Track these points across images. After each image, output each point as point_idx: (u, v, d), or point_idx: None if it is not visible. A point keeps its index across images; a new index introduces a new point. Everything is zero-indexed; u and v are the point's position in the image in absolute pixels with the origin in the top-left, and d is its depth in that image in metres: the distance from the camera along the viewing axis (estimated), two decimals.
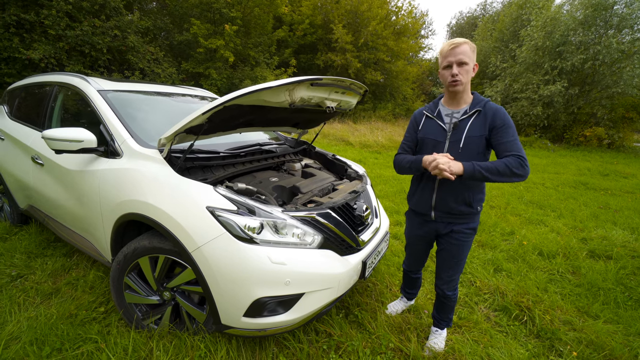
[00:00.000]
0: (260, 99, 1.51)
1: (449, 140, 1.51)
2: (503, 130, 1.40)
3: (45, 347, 1.57)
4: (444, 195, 1.55)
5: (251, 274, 1.40)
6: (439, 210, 1.58)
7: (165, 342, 1.62)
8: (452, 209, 1.54)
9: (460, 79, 1.40)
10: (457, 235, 1.57)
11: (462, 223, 1.56)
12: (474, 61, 1.43)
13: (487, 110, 1.44)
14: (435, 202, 1.58)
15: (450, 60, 1.41)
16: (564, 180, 6.81)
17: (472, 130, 1.45)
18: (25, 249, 2.52)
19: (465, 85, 1.45)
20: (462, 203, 1.52)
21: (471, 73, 1.43)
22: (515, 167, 1.33)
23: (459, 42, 1.39)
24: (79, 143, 1.74)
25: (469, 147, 1.46)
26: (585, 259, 2.98)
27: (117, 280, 1.70)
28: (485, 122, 1.43)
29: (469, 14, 27.06)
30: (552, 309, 2.18)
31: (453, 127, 1.50)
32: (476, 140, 1.45)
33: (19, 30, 9.26)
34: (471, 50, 1.40)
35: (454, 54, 1.39)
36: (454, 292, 1.70)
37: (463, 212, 1.53)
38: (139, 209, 1.58)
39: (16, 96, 2.90)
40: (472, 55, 1.41)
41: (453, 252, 1.61)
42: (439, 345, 1.75)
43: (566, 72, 12.27)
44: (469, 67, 1.41)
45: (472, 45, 1.41)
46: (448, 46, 1.41)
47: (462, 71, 1.40)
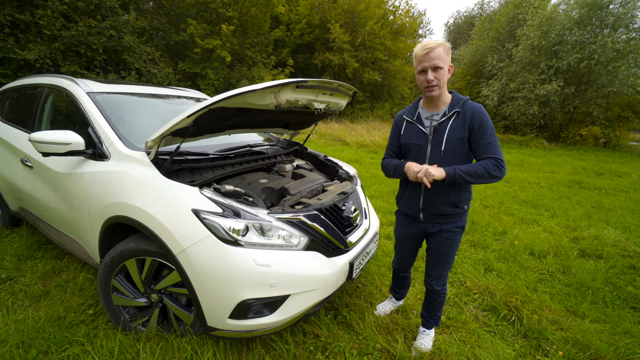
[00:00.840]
0: (245, 101, 1.52)
1: (430, 143, 1.52)
2: (481, 132, 1.41)
3: (31, 350, 1.57)
4: (431, 198, 1.56)
5: (236, 276, 1.40)
6: (427, 212, 1.60)
7: (152, 344, 1.62)
8: (440, 210, 1.55)
9: (436, 84, 1.41)
10: (446, 234, 1.59)
11: (450, 222, 1.58)
12: (449, 63, 1.42)
13: (465, 111, 1.44)
14: (423, 205, 1.60)
15: (425, 66, 1.40)
16: (559, 179, 6.84)
17: (452, 132, 1.46)
18: (16, 251, 2.52)
19: (444, 86, 1.45)
20: (449, 204, 1.54)
21: (447, 75, 1.43)
22: (492, 170, 1.37)
23: (432, 46, 1.37)
24: (66, 146, 1.74)
25: (451, 150, 1.47)
26: (575, 258, 3.00)
27: (105, 283, 1.71)
28: (465, 123, 1.43)
29: (467, 13, 27.12)
30: (541, 308, 2.20)
31: (433, 131, 1.50)
32: (457, 142, 1.45)
33: (13, 31, 9.22)
34: (445, 52, 1.39)
35: (429, 58, 1.38)
36: (443, 287, 1.72)
37: (450, 212, 1.55)
38: (125, 212, 1.59)
39: (7, 98, 2.89)
40: (447, 58, 1.40)
41: (442, 250, 1.63)
42: (426, 345, 1.76)
43: (562, 72, 12.31)
44: (443, 70, 1.40)
45: (447, 46, 1.40)
46: (422, 50, 1.39)
47: (438, 76, 1.40)
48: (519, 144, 12.73)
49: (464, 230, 1.65)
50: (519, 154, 10.37)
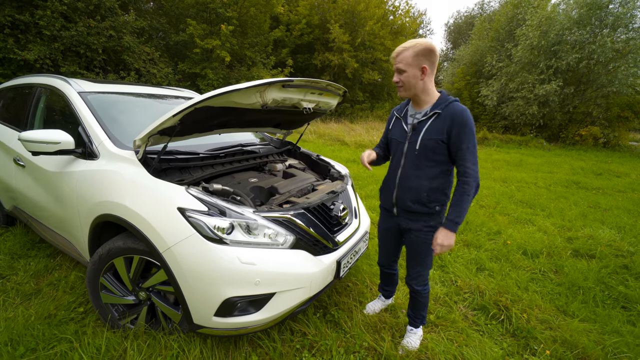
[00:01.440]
0: (231, 100, 1.53)
1: (408, 141, 1.54)
2: (458, 136, 1.40)
3: (19, 347, 1.59)
4: (401, 194, 1.59)
5: (220, 274, 1.41)
6: (399, 207, 1.63)
7: (140, 342, 1.63)
8: (409, 207, 1.57)
9: (400, 85, 1.47)
10: (417, 233, 1.60)
11: (421, 221, 1.58)
12: (421, 64, 1.41)
13: (446, 113, 1.43)
14: (395, 199, 1.62)
15: (394, 68, 1.47)
16: (557, 179, 6.83)
17: (428, 132, 1.46)
18: (10, 250, 2.54)
19: (413, 88, 1.46)
20: (418, 202, 1.54)
21: (418, 77, 1.43)
22: (469, 191, 1.42)
23: (399, 51, 1.42)
24: (56, 145, 1.75)
25: (424, 150, 1.48)
26: (569, 258, 3.00)
27: (93, 281, 1.72)
28: (444, 126, 1.42)
29: (467, 13, 27.09)
30: (531, 308, 2.20)
31: (412, 129, 1.53)
32: (432, 142, 1.45)
33: (13, 31, 9.26)
34: (414, 55, 1.39)
35: (395, 62, 1.45)
36: (424, 287, 1.71)
37: (420, 210, 1.55)
38: (112, 210, 1.60)
39: (1, 98, 2.91)
40: (416, 60, 1.40)
41: (416, 248, 1.63)
42: (413, 344, 1.76)
43: (561, 72, 12.29)
44: (407, 73, 1.43)
45: (418, 49, 1.39)
46: (394, 54, 1.46)
47: (401, 77, 1.45)
48: (518, 144, 12.71)
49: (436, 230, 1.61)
50: (517, 154, 10.36)
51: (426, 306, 1.77)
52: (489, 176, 6.78)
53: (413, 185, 1.53)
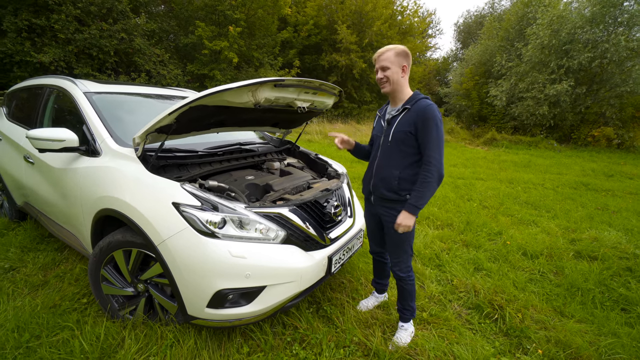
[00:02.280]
0: (223, 99, 1.58)
1: (384, 135, 1.70)
2: (423, 128, 1.53)
3: (25, 333, 1.67)
4: (376, 182, 1.73)
5: (212, 266, 1.46)
6: (375, 195, 1.76)
7: (137, 332, 1.70)
8: (383, 194, 1.69)
9: (385, 80, 1.61)
10: (389, 219, 1.69)
11: (394, 208, 1.67)
12: (401, 64, 1.58)
13: (414, 108, 1.57)
14: (372, 187, 1.76)
15: (377, 67, 1.63)
16: (566, 181, 6.69)
17: (399, 126, 1.61)
18: (20, 243, 2.65)
19: (395, 84, 1.61)
20: (390, 191, 1.66)
21: (399, 74, 1.59)
22: (429, 177, 1.51)
23: (382, 51, 1.59)
24: (61, 142, 1.84)
25: (396, 142, 1.63)
26: (570, 259, 2.96)
27: (95, 272, 1.80)
28: (411, 120, 1.56)
29: (477, 13, 26.71)
30: (526, 307, 2.19)
31: (387, 123, 1.69)
32: (402, 134, 1.59)
33: (30, 35, 9.60)
34: (395, 55, 1.57)
35: (379, 61, 1.60)
36: (407, 274, 1.77)
37: (392, 198, 1.66)
38: (112, 205, 1.67)
39: (14, 98, 3.04)
40: (397, 59, 1.57)
41: (391, 234, 1.72)
42: (403, 340, 1.79)
43: (573, 71, 12.01)
44: (391, 70, 1.58)
45: (399, 50, 1.57)
46: (376, 55, 1.62)
47: (386, 74, 1.59)
48: (527, 145, 12.48)
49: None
50: (526, 155, 10.18)
51: (413, 296, 1.82)
52: (494, 177, 6.70)
53: (386, 174, 1.67)
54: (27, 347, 1.60)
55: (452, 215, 3.96)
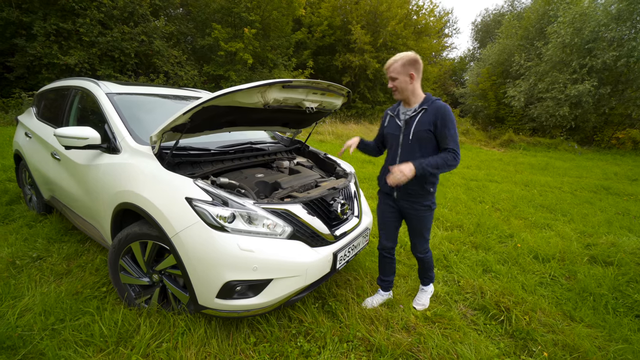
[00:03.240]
0: (234, 100, 1.66)
1: (402, 134, 1.85)
2: (443, 127, 1.72)
3: (51, 317, 1.80)
4: None
5: (221, 258, 1.54)
6: (400, 191, 1.91)
7: (152, 319, 1.80)
8: (409, 189, 1.87)
9: (395, 89, 1.81)
10: (415, 212, 1.91)
11: (418, 201, 1.89)
12: (408, 72, 1.75)
13: (431, 109, 1.75)
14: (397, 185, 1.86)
15: (388, 76, 1.81)
16: (585, 184, 6.48)
17: (419, 125, 1.77)
18: (47, 235, 2.83)
19: (404, 91, 1.80)
20: (416, 184, 1.83)
21: (408, 82, 1.77)
22: (448, 160, 1.71)
23: (390, 63, 1.77)
24: (85, 140, 1.97)
25: (417, 139, 1.79)
26: (584, 264, 2.89)
27: (114, 263, 1.91)
28: (431, 119, 1.74)
29: (496, 11, 26.09)
30: (534, 310, 2.16)
31: (405, 123, 1.84)
32: (423, 133, 1.76)
33: (57, 38, 10.10)
34: (402, 65, 1.74)
35: (388, 72, 1.80)
36: (426, 254, 2.07)
37: (418, 191, 1.86)
38: (130, 199, 1.78)
39: (43, 99, 3.24)
40: (404, 69, 1.74)
41: (413, 224, 1.97)
42: (423, 301, 2.13)
43: (596, 71, 11.58)
44: (399, 80, 1.76)
45: (405, 60, 1.73)
46: (385, 67, 1.81)
47: (395, 84, 1.79)
48: (546, 147, 12.11)
49: (432, 209, 1.94)
50: (544, 158, 9.90)
51: (432, 267, 2.15)
52: (509, 179, 6.57)
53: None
54: (53, 329, 1.73)
55: (462, 217, 3.93)
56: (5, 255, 2.44)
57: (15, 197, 3.69)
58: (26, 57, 9.91)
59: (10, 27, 9.99)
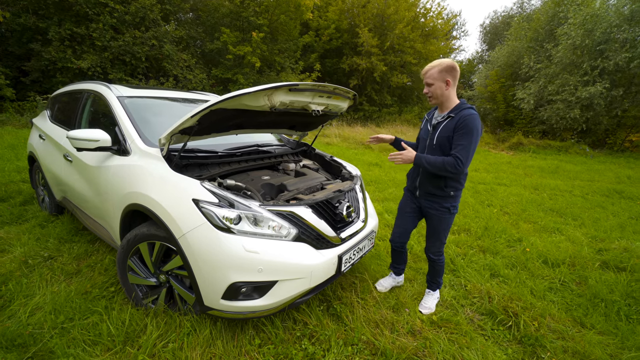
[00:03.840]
0: (241, 103, 1.68)
1: (429, 138, 1.92)
2: (459, 135, 1.75)
3: (60, 316, 1.84)
4: (423, 179, 1.97)
5: (227, 260, 1.56)
6: (421, 190, 2.00)
7: (158, 319, 1.82)
8: (429, 190, 1.95)
9: (430, 95, 1.86)
10: (434, 212, 1.97)
11: (438, 202, 1.94)
12: (445, 78, 1.78)
13: (457, 117, 1.78)
14: (419, 183, 2.00)
15: (424, 82, 1.86)
16: (597, 188, 6.34)
17: (443, 131, 1.83)
18: (58, 235, 2.89)
19: (439, 97, 1.84)
20: (437, 187, 1.90)
21: (443, 88, 1.80)
22: (448, 165, 1.73)
23: (428, 69, 1.82)
24: (96, 142, 2.01)
25: (439, 145, 1.84)
26: (595, 269, 2.83)
27: (122, 263, 1.94)
28: (452, 127, 1.78)
29: (505, 13, 25.83)
30: (543, 316, 2.12)
31: (432, 128, 1.91)
32: (444, 140, 1.82)
33: (71, 43, 10.36)
34: (439, 72, 1.78)
35: (425, 78, 1.84)
36: (439, 257, 2.10)
37: (437, 193, 1.92)
38: (139, 200, 1.81)
39: (56, 102, 3.33)
40: (441, 75, 1.78)
41: (433, 224, 2.02)
42: (429, 305, 2.12)
43: (608, 72, 11.34)
44: (434, 86, 1.81)
45: (443, 67, 1.77)
46: (423, 72, 1.85)
47: (430, 89, 1.84)
48: (557, 150, 11.89)
49: (452, 212, 1.95)
50: (555, 161, 9.72)
51: (442, 273, 2.16)
52: (518, 183, 6.47)
53: (433, 173, 1.85)
54: (62, 327, 1.76)
55: (469, 221, 3.88)
56: (18, 255, 2.50)
57: (29, 197, 3.78)
58: (41, 62, 10.19)
59: (27, 32, 10.30)
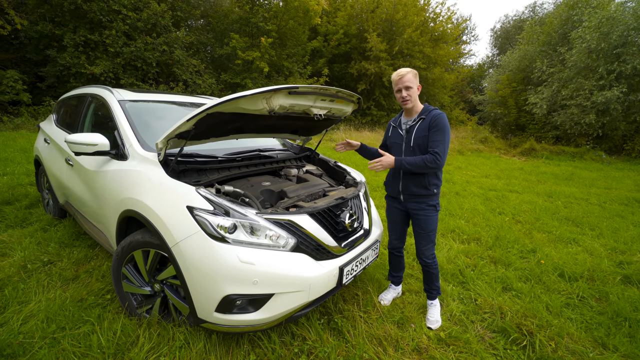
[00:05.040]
0: (238, 106, 1.61)
1: (404, 142, 1.99)
2: (434, 132, 1.86)
3: (52, 325, 1.79)
4: (406, 182, 2.00)
5: (220, 270, 1.48)
6: (405, 194, 2.02)
7: (151, 331, 1.75)
8: (413, 191, 1.98)
9: (408, 98, 1.92)
10: (421, 212, 1.99)
11: (423, 202, 1.98)
12: (417, 84, 1.93)
13: (428, 117, 1.90)
14: (402, 187, 2.03)
15: (400, 87, 1.91)
16: (615, 196, 6.07)
17: (418, 132, 1.92)
18: (59, 239, 2.87)
19: (414, 100, 1.95)
20: (420, 186, 1.95)
21: (416, 92, 1.94)
22: (428, 162, 1.82)
23: (403, 73, 1.89)
24: (94, 146, 1.98)
25: (417, 145, 1.92)
26: (616, 284, 2.65)
27: (117, 270, 1.89)
28: (427, 125, 1.89)
29: (516, 17, 25.51)
30: (560, 335, 1.97)
31: (406, 132, 1.99)
32: (422, 139, 1.90)
33: (85, 49, 10.62)
34: (414, 76, 1.91)
35: (402, 82, 1.90)
36: (432, 260, 2.06)
37: (422, 193, 1.96)
38: (133, 206, 1.76)
39: (62, 106, 3.35)
40: (415, 80, 1.91)
41: (422, 225, 2.01)
42: (437, 319, 2.04)
43: (626, 76, 10.99)
44: (413, 89, 1.91)
45: (415, 72, 1.92)
46: (397, 77, 1.91)
47: (409, 93, 1.91)
48: (571, 156, 11.54)
49: (437, 210, 2.01)
50: (569, 167, 9.41)
51: (437, 277, 2.10)
52: (531, 190, 6.25)
53: (415, 174, 1.94)
54: (53, 337, 1.71)
55: (480, 229, 3.73)
56: (17, 259, 2.48)
57: (35, 200, 3.81)
58: (57, 67, 10.46)
59: (44, 39, 10.61)
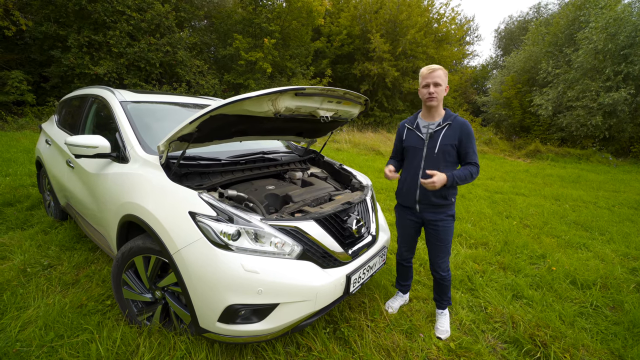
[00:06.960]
0: (243, 108, 1.56)
1: (426, 147, 1.85)
2: (467, 143, 1.80)
3: (50, 332, 1.74)
4: (425, 192, 1.88)
5: (224, 279, 1.42)
6: (422, 204, 1.92)
7: (152, 339, 1.70)
8: (432, 201, 1.88)
9: (435, 95, 1.77)
10: (440, 223, 1.90)
11: (441, 212, 1.89)
12: (446, 84, 1.80)
13: (456, 124, 1.80)
14: (419, 197, 1.91)
15: (428, 81, 1.78)
16: (624, 199, 5.97)
17: (445, 139, 1.81)
18: (60, 242, 2.83)
19: (440, 100, 1.81)
20: (440, 197, 1.86)
21: (444, 93, 1.80)
22: (473, 173, 1.79)
23: (435, 68, 1.76)
24: (94, 149, 1.93)
25: (442, 153, 1.82)
26: (631, 292, 2.57)
27: (117, 276, 1.83)
28: (455, 134, 1.79)
29: (520, 18, 25.31)
30: (575, 347, 1.90)
31: (429, 137, 1.85)
32: (449, 147, 1.81)
33: (89, 50, 10.63)
34: (444, 74, 1.77)
35: (432, 76, 1.76)
36: (447, 273, 1.99)
37: (441, 203, 1.87)
38: (134, 211, 1.70)
39: (63, 107, 3.31)
40: (445, 79, 1.78)
41: (438, 236, 1.92)
42: (446, 328, 1.97)
43: (633, 78, 10.85)
44: (442, 87, 1.78)
45: (445, 71, 1.79)
46: (427, 71, 1.77)
47: (438, 90, 1.77)
48: (577, 158, 11.41)
49: (454, 219, 1.94)
50: (575, 169, 9.29)
51: (449, 289, 2.03)
52: (537, 193, 6.15)
53: None
54: (51, 346, 1.66)
55: (487, 234, 3.65)
56: (17, 263, 2.44)
57: (37, 202, 3.77)
58: (61, 68, 10.48)
59: (49, 40, 10.63)
